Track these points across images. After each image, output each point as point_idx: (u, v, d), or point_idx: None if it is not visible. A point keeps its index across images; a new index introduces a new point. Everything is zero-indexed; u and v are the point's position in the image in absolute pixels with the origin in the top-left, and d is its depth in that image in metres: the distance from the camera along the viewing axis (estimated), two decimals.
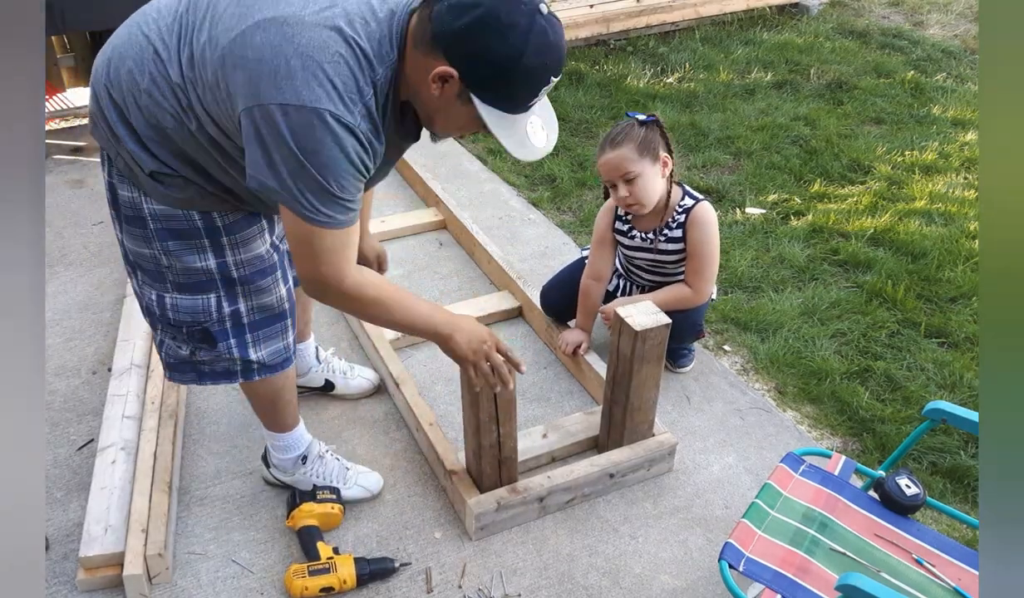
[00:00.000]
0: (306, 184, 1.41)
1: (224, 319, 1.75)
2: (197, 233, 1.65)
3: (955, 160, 3.94)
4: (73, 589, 1.91)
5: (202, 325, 1.74)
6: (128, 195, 1.63)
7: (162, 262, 1.67)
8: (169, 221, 1.63)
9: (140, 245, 1.67)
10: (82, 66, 4.22)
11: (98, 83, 1.58)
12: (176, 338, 1.78)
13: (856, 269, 3.15)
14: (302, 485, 2.11)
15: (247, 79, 1.38)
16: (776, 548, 1.65)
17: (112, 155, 1.62)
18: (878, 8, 5.97)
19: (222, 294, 1.72)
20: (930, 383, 2.60)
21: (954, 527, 2.12)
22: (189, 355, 1.80)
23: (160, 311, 1.74)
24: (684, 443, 2.33)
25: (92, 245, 3.17)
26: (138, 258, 1.70)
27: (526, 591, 1.95)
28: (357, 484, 2.14)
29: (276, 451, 2.09)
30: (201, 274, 1.69)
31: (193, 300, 1.71)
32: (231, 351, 1.79)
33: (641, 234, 2.43)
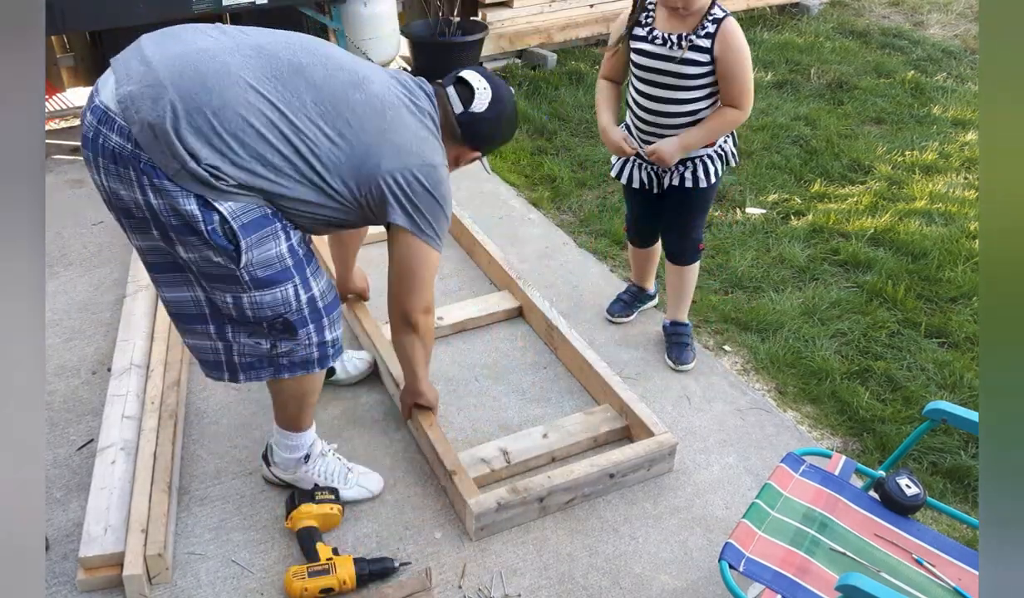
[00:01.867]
0: (441, 223, 1.88)
1: (303, 307, 1.82)
2: (268, 219, 1.71)
3: (955, 160, 3.95)
4: (73, 589, 1.91)
5: (283, 316, 1.80)
6: (184, 208, 1.62)
7: (239, 262, 1.70)
8: (246, 214, 1.68)
9: (205, 250, 1.68)
10: (82, 66, 4.22)
11: (182, 100, 1.58)
12: (255, 335, 1.83)
13: (856, 269, 3.15)
14: (303, 484, 2.11)
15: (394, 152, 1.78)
16: (776, 548, 1.65)
17: (170, 171, 1.59)
18: (878, 8, 5.97)
19: (298, 282, 1.79)
20: (930, 383, 2.60)
21: (954, 527, 2.12)
22: (269, 349, 1.85)
23: (238, 312, 1.78)
24: (684, 443, 2.33)
25: (92, 245, 3.17)
26: (206, 263, 1.70)
27: (526, 591, 1.95)
28: (358, 484, 2.14)
29: (282, 449, 2.09)
30: (277, 262, 1.74)
31: (272, 293, 1.77)
32: (310, 336, 1.86)
33: (664, 34, 2.24)
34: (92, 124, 1.62)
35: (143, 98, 1.57)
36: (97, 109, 1.61)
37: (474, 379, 2.57)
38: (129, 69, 1.61)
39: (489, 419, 2.42)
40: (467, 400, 2.49)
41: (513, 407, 2.47)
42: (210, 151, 1.60)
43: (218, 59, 1.64)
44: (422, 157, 1.80)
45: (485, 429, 2.38)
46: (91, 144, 1.64)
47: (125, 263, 3.02)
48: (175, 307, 1.84)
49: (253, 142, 1.63)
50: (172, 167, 1.59)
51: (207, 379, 2.51)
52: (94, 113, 1.62)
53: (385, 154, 1.75)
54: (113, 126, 1.59)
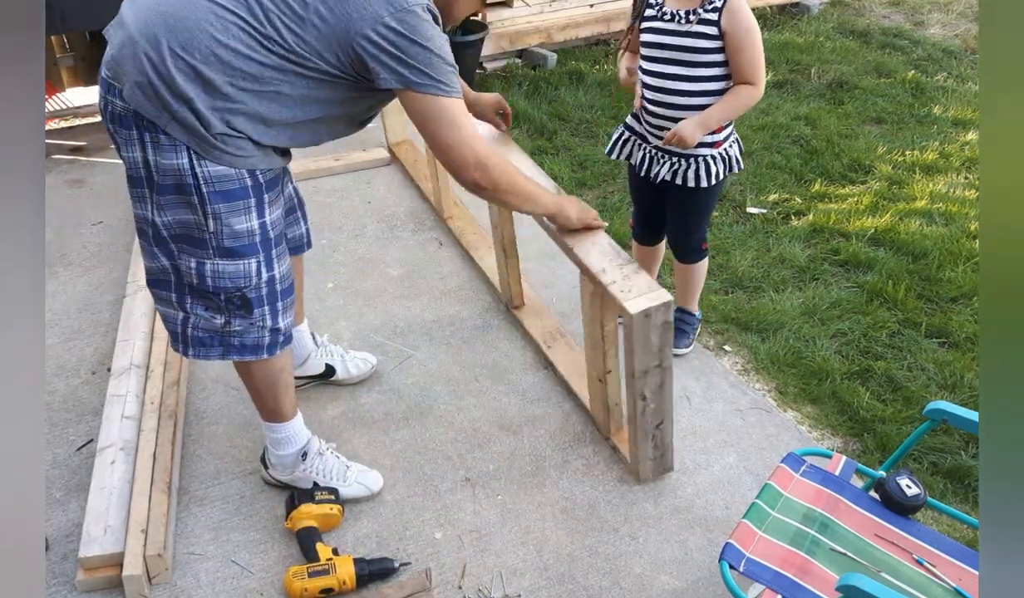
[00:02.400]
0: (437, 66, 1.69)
1: (262, 285, 1.82)
2: (245, 193, 1.73)
3: (956, 160, 3.94)
4: (73, 589, 1.91)
5: (242, 291, 1.81)
6: (172, 163, 1.67)
7: (208, 227, 1.73)
8: (222, 182, 1.70)
9: (184, 212, 1.72)
10: (82, 66, 4.22)
11: (153, 47, 1.61)
12: (210, 308, 1.84)
13: (857, 269, 3.15)
14: (302, 483, 2.11)
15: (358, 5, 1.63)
16: (777, 548, 1.65)
17: (162, 123, 1.64)
18: (879, 8, 5.97)
19: (262, 258, 1.80)
20: (930, 383, 2.60)
21: (954, 527, 2.12)
22: (223, 325, 1.85)
23: (199, 279, 1.79)
24: (684, 443, 2.33)
25: (92, 245, 3.17)
26: (181, 227, 1.74)
27: (526, 591, 1.95)
28: (357, 482, 2.14)
29: (275, 446, 2.09)
30: (245, 236, 1.76)
31: (236, 265, 1.78)
32: (264, 318, 1.86)
33: (672, 11, 2.26)
34: (102, 95, 1.71)
35: (124, 59, 1.63)
36: (103, 80, 1.70)
37: (474, 379, 2.57)
38: (111, 35, 1.69)
39: (489, 419, 2.42)
40: (467, 400, 2.49)
41: (513, 407, 2.47)
42: (195, 87, 1.62)
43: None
44: (390, 4, 1.63)
45: (485, 429, 2.38)
46: (104, 115, 1.72)
47: (125, 263, 3.02)
48: (149, 275, 1.87)
49: (231, 58, 1.62)
50: (163, 119, 1.64)
51: (207, 379, 2.52)
52: (101, 85, 1.71)
53: (353, 16, 1.63)
54: (113, 91, 1.67)
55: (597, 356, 2.16)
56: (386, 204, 3.48)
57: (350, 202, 3.48)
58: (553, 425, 2.41)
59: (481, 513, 2.13)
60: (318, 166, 3.64)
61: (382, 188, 3.59)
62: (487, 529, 2.09)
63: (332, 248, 3.17)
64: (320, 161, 3.68)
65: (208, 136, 1.65)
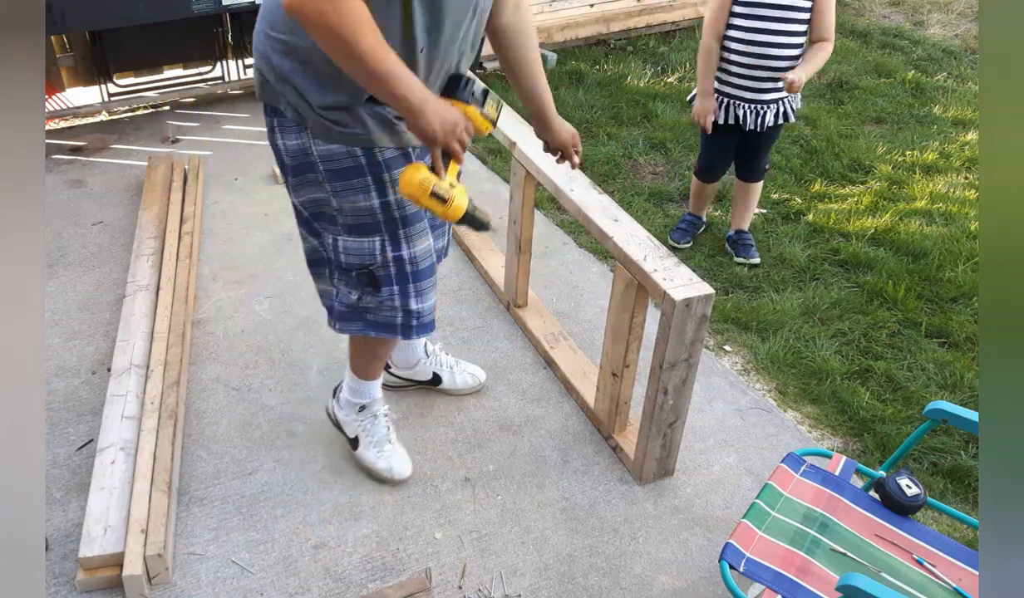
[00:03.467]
0: None
1: (388, 263, 1.84)
2: (361, 171, 1.73)
3: (956, 160, 3.94)
4: (73, 589, 1.91)
5: (368, 268, 1.84)
6: (296, 143, 1.73)
7: (333, 204, 1.78)
8: (334, 161, 1.72)
9: (315, 190, 1.78)
10: (82, 66, 4.22)
11: (258, 39, 1.70)
12: (347, 283, 1.89)
13: (857, 269, 3.15)
14: (347, 428, 2.21)
15: None
16: (777, 548, 1.65)
17: (282, 106, 1.70)
18: (879, 8, 5.97)
19: (386, 237, 1.81)
20: (930, 383, 2.60)
21: (954, 527, 2.12)
22: (356, 300, 1.90)
23: (334, 255, 1.86)
24: (684, 443, 2.33)
25: (92, 245, 3.17)
26: (317, 204, 1.81)
27: (526, 591, 1.95)
28: (388, 461, 2.18)
29: (351, 393, 2.18)
30: (366, 215, 1.78)
31: (359, 242, 1.81)
32: (394, 298, 1.88)
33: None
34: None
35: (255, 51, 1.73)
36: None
37: None
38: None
39: (489, 419, 2.42)
40: (467, 400, 2.48)
41: (513, 407, 2.47)
42: (292, 63, 1.65)
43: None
44: None
45: (485, 429, 2.38)
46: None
47: (125, 263, 3.02)
48: (307, 256, 1.98)
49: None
50: (281, 101, 1.70)
51: (207, 379, 2.52)
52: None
53: None
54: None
55: (618, 350, 2.16)
56: None
57: None
58: (553, 425, 2.41)
59: (481, 513, 2.13)
60: None
61: None
62: (487, 529, 2.09)
63: None
64: None
65: (311, 113, 1.68)
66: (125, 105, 4.21)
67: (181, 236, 3.02)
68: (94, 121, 4.17)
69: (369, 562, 2.00)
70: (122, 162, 3.74)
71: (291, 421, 2.39)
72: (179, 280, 2.77)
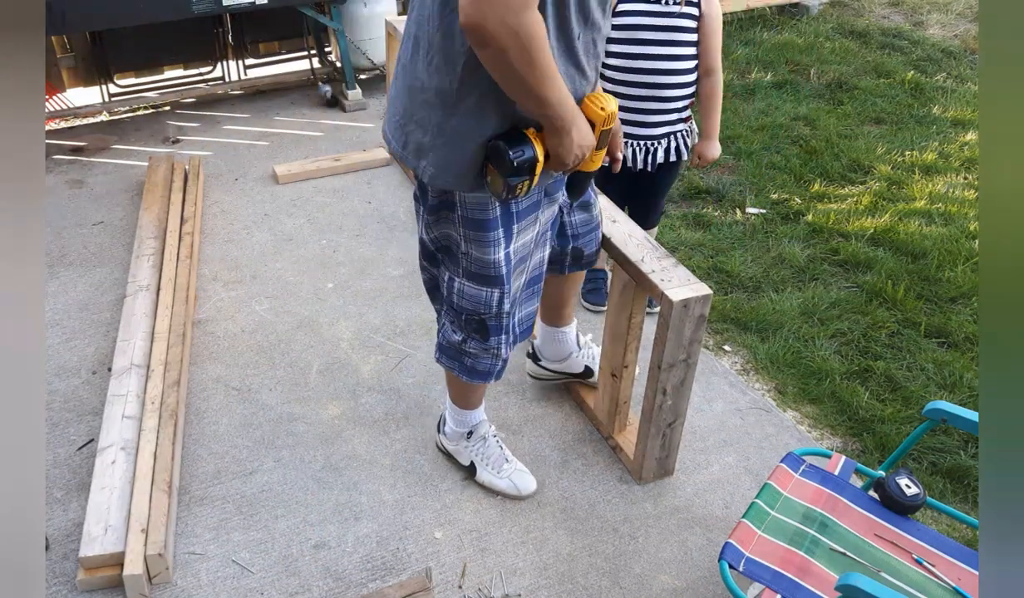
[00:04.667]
0: None
1: (502, 315, 1.86)
2: (495, 224, 1.73)
3: (955, 160, 3.95)
4: (73, 589, 1.91)
5: (480, 316, 1.85)
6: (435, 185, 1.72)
7: (461, 248, 1.78)
8: (477, 208, 1.71)
9: (447, 227, 1.78)
10: (82, 66, 4.22)
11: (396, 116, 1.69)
12: (455, 323, 1.92)
13: (856, 269, 3.15)
14: (460, 458, 2.20)
15: None
16: (776, 548, 1.65)
17: (419, 172, 1.70)
18: (878, 8, 5.97)
19: (506, 290, 1.82)
20: (930, 383, 2.60)
21: (954, 527, 2.12)
22: (460, 342, 1.93)
23: (448, 293, 1.88)
24: (684, 443, 2.33)
25: (92, 245, 3.17)
26: (444, 240, 1.82)
27: (526, 591, 1.95)
28: (510, 478, 2.17)
29: (453, 422, 2.19)
30: (491, 267, 1.78)
31: (479, 290, 1.82)
32: (499, 347, 1.91)
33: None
34: None
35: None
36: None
37: None
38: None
39: (489, 419, 2.41)
40: None
41: (513, 407, 2.47)
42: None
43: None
44: None
45: None
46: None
47: (125, 263, 3.03)
48: (426, 284, 1.99)
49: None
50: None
51: (207, 379, 2.52)
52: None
53: None
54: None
55: (617, 350, 2.16)
56: (386, 204, 3.48)
57: (350, 202, 3.48)
58: (553, 425, 2.41)
59: (481, 513, 2.13)
60: (318, 166, 3.64)
61: (382, 188, 3.59)
62: (487, 529, 2.09)
63: (332, 248, 3.17)
64: (320, 161, 3.68)
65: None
66: (125, 105, 4.21)
67: (181, 236, 3.02)
68: (95, 121, 4.17)
69: (369, 562, 2.00)
70: (122, 162, 3.74)
71: (291, 421, 2.39)
72: (179, 280, 2.77)
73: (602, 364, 2.27)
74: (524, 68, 1.39)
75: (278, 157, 3.78)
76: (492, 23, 1.32)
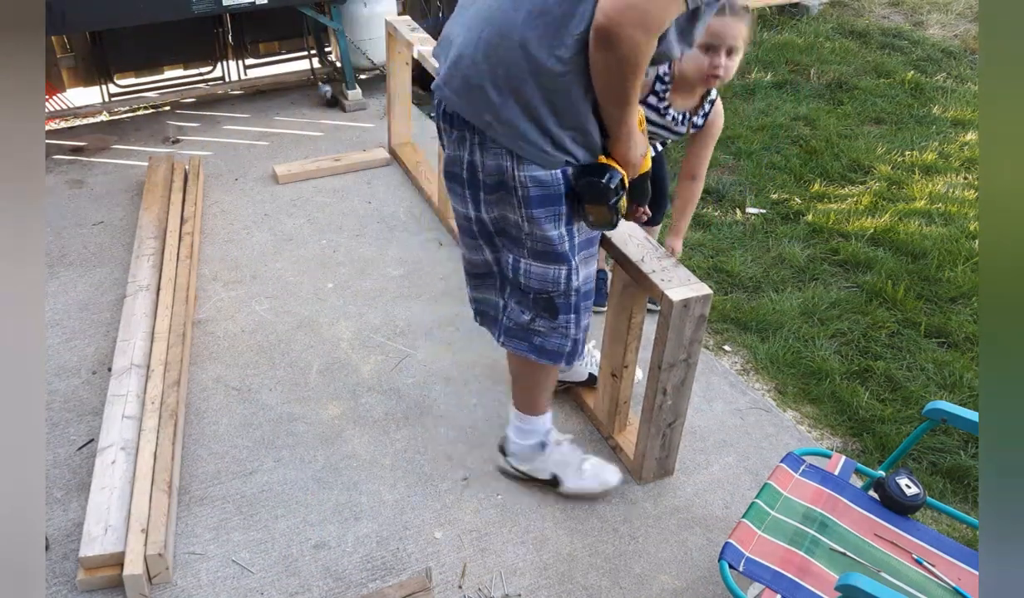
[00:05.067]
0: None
1: (570, 292, 1.84)
2: (559, 199, 1.72)
3: (955, 160, 3.95)
4: (73, 589, 1.91)
5: (549, 294, 1.84)
6: (494, 163, 1.71)
7: (524, 228, 1.76)
8: (541, 187, 1.70)
9: (506, 209, 1.77)
10: (82, 66, 4.22)
11: (475, 58, 1.64)
12: (521, 303, 1.89)
13: (856, 269, 3.15)
14: (540, 473, 2.14)
15: None
16: (776, 548, 1.65)
17: (483, 125, 1.67)
18: (878, 8, 5.97)
19: (573, 266, 1.81)
20: (930, 383, 2.60)
21: (954, 527, 2.12)
22: (528, 321, 1.90)
23: (513, 274, 1.85)
24: (684, 443, 2.33)
25: (92, 245, 3.17)
26: (503, 223, 1.81)
27: (526, 591, 1.95)
28: (595, 477, 2.15)
29: (520, 436, 2.12)
30: (557, 243, 1.77)
31: (545, 269, 1.80)
32: (568, 326, 1.89)
33: (674, 113, 2.38)
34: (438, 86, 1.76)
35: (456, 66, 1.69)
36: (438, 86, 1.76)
37: (474, 379, 2.57)
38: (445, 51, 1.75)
39: (489, 419, 2.42)
40: (467, 400, 2.49)
41: None
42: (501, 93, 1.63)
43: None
44: None
45: (485, 429, 2.38)
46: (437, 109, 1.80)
47: (125, 263, 3.02)
48: (472, 267, 1.97)
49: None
50: (486, 121, 1.66)
51: (207, 379, 2.52)
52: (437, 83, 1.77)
53: None
54: (444, 92, 1.73)
55: (617, 350, 2.16)
56: (386, 204, 3.48)
57: (350, 202, 3.48)
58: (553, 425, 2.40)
59: (481, 513, 2.13)
60: (318, 166, 3.64)
61: (382, 188, 3.59)
62: (487, 529, 2.09)
63: (332, 248, 3.17)
64: (320, 161, 3.68)
65: (523, 141, 1.66)
66: (125, 105, 4.21)
67: (181, 236, 3.02)
68: (95, 121, 4.17)
69: (369, 562, 2.00)
70: (122, 162, 3.74)
71: (291, 421, 2.39)
72: (179, 280, 2.77)
73: (602, 364, 2.27)
74: (629, 78, 1.56)
75: (278, 157, 3.78)
76: (626, 32, 1.48)
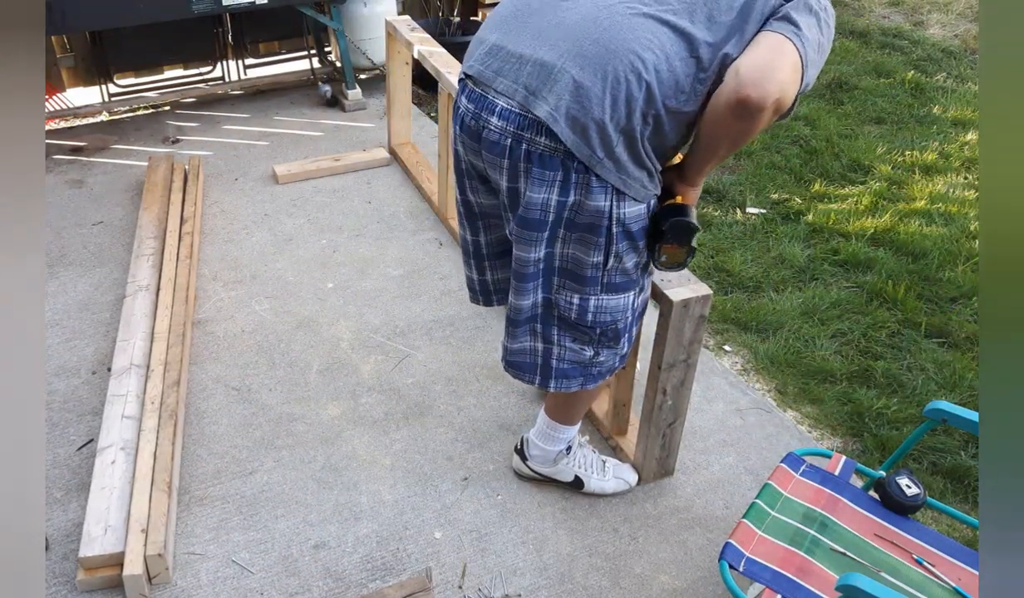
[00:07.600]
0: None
1: (634, 313, 1.84)
2: (644, 232, 1.68)
3: (955, 160, 3.95)
4: (73, 589, 1.91)
5: (616, 323, 1.80)
6: (595, 204, 1.59)
7: (603, 266, 1.68)
8: (638, 221, 1.65)
9: (582, 252, 1.66)
10: (82, 66, 4.22)
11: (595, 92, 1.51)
12: (579, 340, 1.81)
13: (856, 269, 3.15)
14: (563, 476, 2.15)
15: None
16: (776, 548, 1.65)
17: (591, 163, 1.55)
18: (878, 8, 5.97)
19: (639, 287, 1.80)
20: (930, 383, 2.60)
21: (954, 527, 2.12)
22: (591, 357, 1.83)
23: (579, 315, 1.75)
24: (684, 443, 2.33)
25: (92, 245, 3.17)
26: (573, 265, 1.69)
27: (526, 591, 1.95)
28: (615, 476, 2.16)
29: (547, 442, 2.10)
30: (633, 272, 1.74)
31: (617, 299, 1.76)
32: (625, 345, 1.87)
33: None
34: (500, 126, 1.61)
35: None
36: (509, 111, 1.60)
37: (474, 379, 2.57)
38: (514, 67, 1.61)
39: (489, 419, 2.42)
40: (467, 400, 2.49)
41: (513, 407, 2.47)
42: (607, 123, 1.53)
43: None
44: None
45: (485, 429, 2.38)
46: (494, 147, 1.63)
47: (125, 263, 3.03)
48: (514, 313, 1.81)
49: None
50: (595, 160, 1.56)
51: (207, 379, 2.52)
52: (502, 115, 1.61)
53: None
54: (530, 126, 1.57)
55: None
56: (386, 204, 3.48)
57: (350, 202, 3.48)
58: None
59: (481, 513, 2.13)
60: (318, 166, 3.64)
61: (382, 188, 3.59)
62: (487, 529, 2.09)
63: (332, 248, 3.17)
64: (320, 161, 3.68)
65: (635, 174, 1.60)
66: (125, 105, 4.21)
67: (181, 236, 3.02)
68: (94, 121, 4.17)
69: (369, 562, 2.00)
70: (122, 162, 3.74)
71: (291, 421, 2.39)
72: (179, 280, 2.77)
73: None
74: (743, 144, 1.59)
75: (278, 157, 3.78)
76: (768, 115, 1.48)
